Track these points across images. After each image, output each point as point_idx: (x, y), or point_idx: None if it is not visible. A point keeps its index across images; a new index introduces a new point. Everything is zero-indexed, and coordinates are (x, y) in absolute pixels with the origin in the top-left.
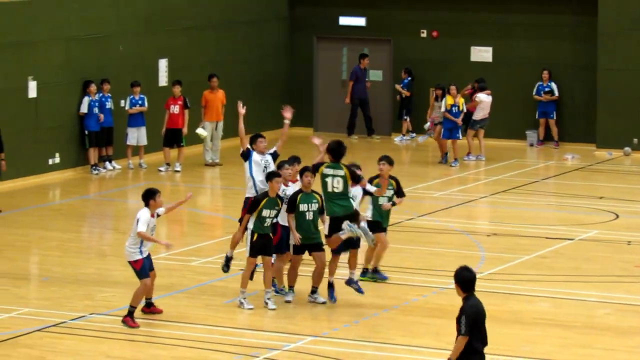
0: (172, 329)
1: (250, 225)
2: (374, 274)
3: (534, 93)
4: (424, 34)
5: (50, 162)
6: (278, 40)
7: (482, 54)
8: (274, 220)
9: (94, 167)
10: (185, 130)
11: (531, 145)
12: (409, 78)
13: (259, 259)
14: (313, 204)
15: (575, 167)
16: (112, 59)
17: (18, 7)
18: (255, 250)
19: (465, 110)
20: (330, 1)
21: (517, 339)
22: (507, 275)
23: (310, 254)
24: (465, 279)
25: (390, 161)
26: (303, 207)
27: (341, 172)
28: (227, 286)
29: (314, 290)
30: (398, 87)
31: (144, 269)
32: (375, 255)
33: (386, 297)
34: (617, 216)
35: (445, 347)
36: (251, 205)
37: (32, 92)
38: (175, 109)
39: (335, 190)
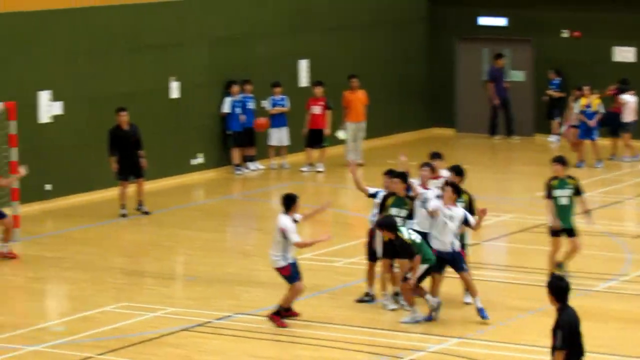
0: (316, 329)
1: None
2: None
3: None
4: (565, 34)
5: (193, 162)
6: (418, 42)
7: (624, 54)
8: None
9: (237, 167)
10: (327, 130)
11: None
12: (559, 78)
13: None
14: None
15: None
16: (255, 59)
17: (164, 8)
18: (388, 252)
19: (601, 111)
20: (471, 2)
21: None
22: None
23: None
24: (559, 289)
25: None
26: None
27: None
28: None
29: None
30: (550, 92)
31: (293, 273)
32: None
33: (532, 299)
34: None
35: (591, 349)
36: (380, 205)
37: (175, 93)
38: (316, 109)
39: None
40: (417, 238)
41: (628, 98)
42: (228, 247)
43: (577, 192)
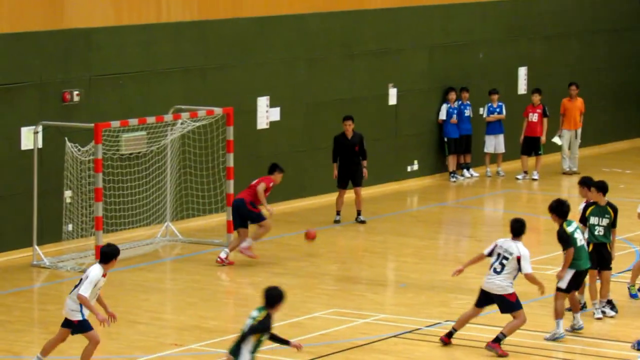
0: (526, 337)
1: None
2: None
3: None
4: None
5: (409, 169)
6: (637, 48)
7: None
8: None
9: (452, 175)
10: (543, 138)
11: None
12: None
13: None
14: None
15: None
16: (473, 66)
17: (382, 15)
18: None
19: None
20: None
21: None
22: None
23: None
24: None
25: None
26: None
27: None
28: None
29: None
30: None
31: (518, 301)
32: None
33: None
34: None
35: None
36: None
37: (393, 99)
38: (534, 117)
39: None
40: (580, 239)
41: None
42: (440, 254)
43: None
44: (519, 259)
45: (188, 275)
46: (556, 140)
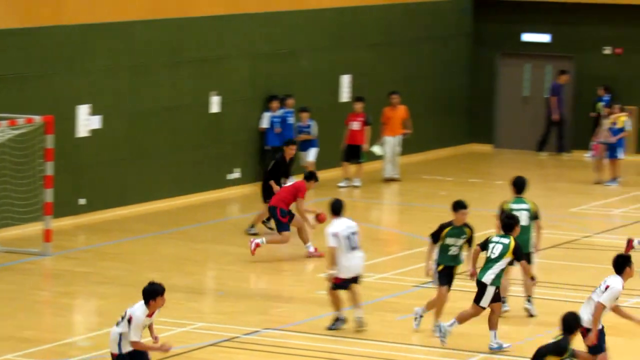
0: (346, 344)
1: (435, 256)
2: None
3: None
4: (607, 51)
5: (231, 177)
6: (461, 57)
7: None
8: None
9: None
10: (365, 146)
11: None
12: (609, 95)
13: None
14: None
15: None
16: (297, 74)
17: (206, 23)
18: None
19: (627, 128)
20: (514, 18)
21: None
22: None
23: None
24: None
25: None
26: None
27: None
28: (401, 302)
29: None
30: (605, 109)
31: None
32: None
33: (559, 314)
34: None
35: None
36: (434, 233)
37: (216, 107)
38: (355, 125)
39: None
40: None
41: None
42: (260, 262)
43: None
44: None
45: (4, 284)
46: (375, 149)
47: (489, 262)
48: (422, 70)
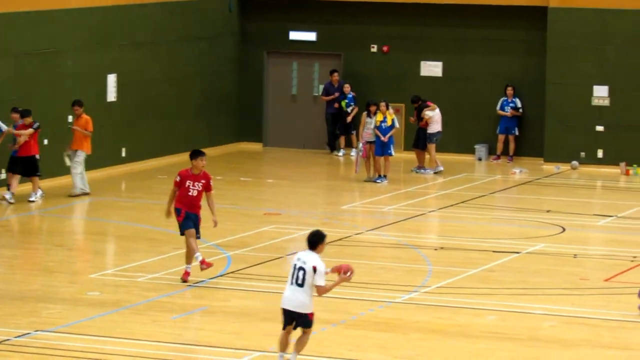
0: (119, 345)
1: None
2: None
3: (497, 108)
4: (374, 49)
5: None
6: (229, 56)
7: (432, 68)
8: None
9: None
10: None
11: (479, 159)
12: (353, 93)
13: None
14: None
15: (523, 181)
16: (62, 74)
17: None
18: None
19: (396, 126)
20: (281, 16)
21: (465, 353)
22: (454, 289)
23: None
24: None
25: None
26: None
27: None
28: (174, 302)
29: None
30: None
31: None
32: None
33: (334, 311)
34: (564, 229)
35: None
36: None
37: None
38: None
39: None
40: None
41: (430, 113)
42: (29, 264)
43: None
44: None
45: None
46: (66, 160)
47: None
48: (189, 70)
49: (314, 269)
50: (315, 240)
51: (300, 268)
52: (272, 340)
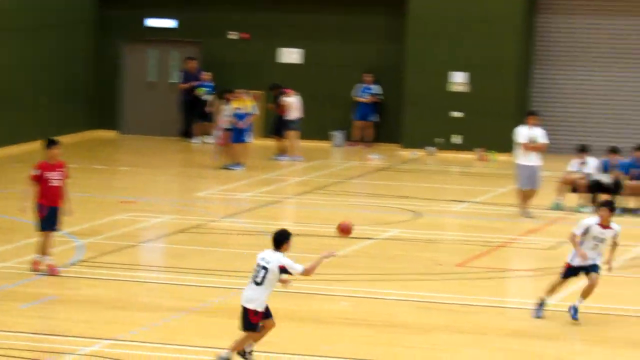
0: None
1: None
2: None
3: (355, 94)
4: (234, 36)
5: None
6: (86, 44)
7: (291, 55)
8: None
9: None
10: None
11: (337, 146)
12: (212, 82)
13: None
14: None
15: (380, 167)
16: None
17: None
18: None
19: (255, 112)
20: (140, 3)
21: (317, 338)
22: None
23: None
24: None
25: None
26: None
27: None
28: (24, 291)
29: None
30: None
31: None
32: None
33: (186, 299)
34: (419, 215)
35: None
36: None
37: None
38: None
39: None
40: None
41: (288, 99)
42: None
43: None
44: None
45: None
46: None
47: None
48: (44, 57)
49: (281, 269)
50: (280, 240)
51: (263, 267)
52: (122, 328)
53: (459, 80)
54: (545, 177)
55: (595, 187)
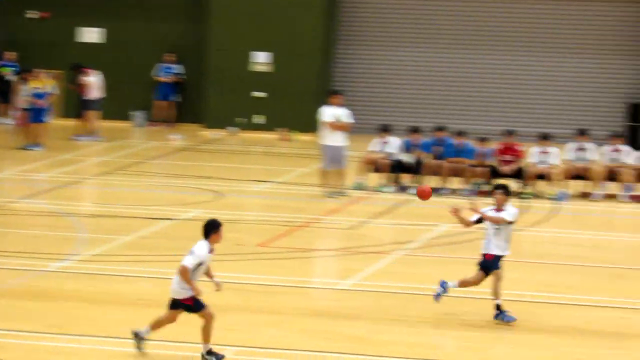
0: None
1: None
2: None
3: (154, 74)
4: (32, 14)
5: None
6: None
7: (91, 34)
8: None
9: None
10: None
11: (138, 126)
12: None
13: None
14: None
15: (182, 147)
16: None
17: None
18: None
19: (55, 92)
20: None
21: (116, 320)
22: (107, 257)
23: None
24: None
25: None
26: None
27: None
28: None
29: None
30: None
31: None
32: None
33: None
34: (220, 195)
35: (47, 330)
36: None
37: None
38: None
39: None
40: None
41: (87, 79)
42: None
43: None
44: None
45: None
46: None
47: None
48: None
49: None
50: (208, 230)
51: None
52: None
53: (261, 60)
54: (348, 157)
55: (397, 167)
